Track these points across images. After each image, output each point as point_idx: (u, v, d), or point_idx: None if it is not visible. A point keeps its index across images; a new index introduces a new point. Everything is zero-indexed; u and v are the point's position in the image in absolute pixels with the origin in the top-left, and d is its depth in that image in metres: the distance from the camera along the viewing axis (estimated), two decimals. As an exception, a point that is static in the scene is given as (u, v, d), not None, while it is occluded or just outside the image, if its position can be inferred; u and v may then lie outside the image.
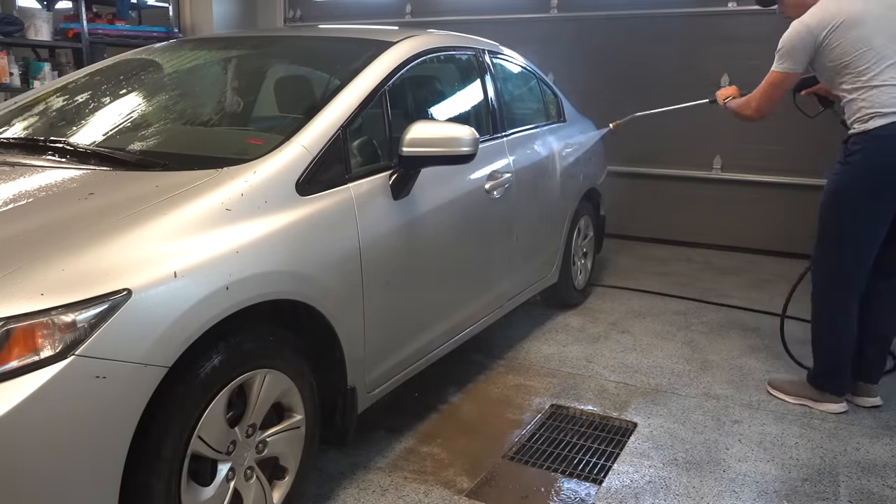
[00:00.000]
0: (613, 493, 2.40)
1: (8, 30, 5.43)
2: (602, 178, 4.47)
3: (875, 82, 2.71)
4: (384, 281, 2.34)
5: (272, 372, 1.94)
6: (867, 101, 2.72)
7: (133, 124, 2.51)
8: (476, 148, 2.40)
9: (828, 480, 2.50)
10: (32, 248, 1.57)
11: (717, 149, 5.70)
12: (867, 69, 2.72)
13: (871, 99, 2.71)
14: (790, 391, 3.08)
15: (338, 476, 2.45)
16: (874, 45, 2.70)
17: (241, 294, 1.79)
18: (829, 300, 2.95)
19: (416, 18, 6.71)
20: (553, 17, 6.14)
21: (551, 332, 3.86)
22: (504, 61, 3.66)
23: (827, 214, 2.88)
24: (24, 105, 2.78)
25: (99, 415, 1.50)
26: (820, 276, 2.94)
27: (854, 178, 2.78)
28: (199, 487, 1.79)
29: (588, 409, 3.00)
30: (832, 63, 2.79)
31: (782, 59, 2.88)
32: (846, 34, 2.73)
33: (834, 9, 2.77)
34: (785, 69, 2.88)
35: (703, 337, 3.84)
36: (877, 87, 2.70)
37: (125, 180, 1.95)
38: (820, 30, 2.77)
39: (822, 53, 2.80)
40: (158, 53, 3.17)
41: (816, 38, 2.78)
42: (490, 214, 3.04)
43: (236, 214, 1.86)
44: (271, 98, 2.88)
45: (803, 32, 2.81)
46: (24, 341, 1.43)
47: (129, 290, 1.55)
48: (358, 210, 2.22)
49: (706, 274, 5.03)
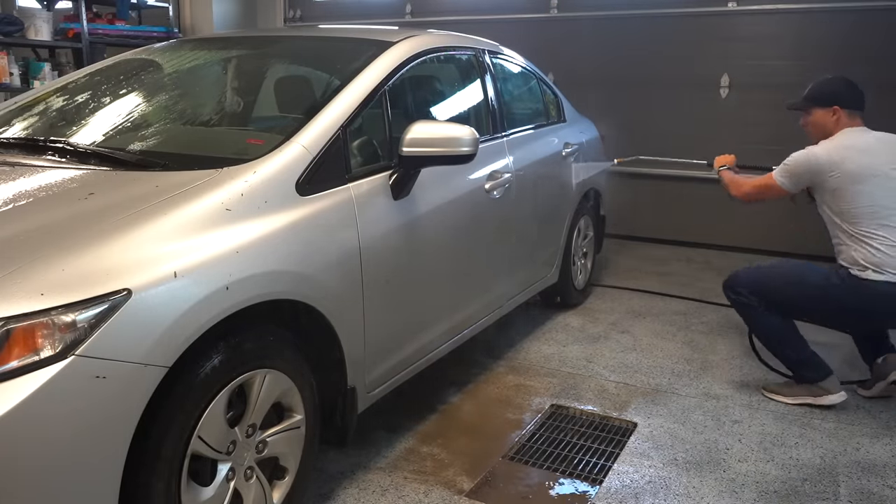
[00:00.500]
0: (613, 493, 2.40)
1: (8, 30, 5.43)
2: (602, 178, 4.47)
3: (869, 240, 2.81)
4: (384, 281, 2.34)
5: (272, 372, 1.94)
6: (861, 253, 2.82)
7: (133, 124, 2.51)
8: (476, 148, 2.40)
9: (828, 480, 2.50)
10: (32, 248, 1.57)
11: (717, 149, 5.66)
12: (863, 223, 2.82)
13: (864, 252, 2.81)
14: (787, 393, 3.08)
15: (338, 476, 2.45)
16: (875, 203, 2.81)
17: (241, 294, 1.79)
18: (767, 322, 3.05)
19: (416, 18, 6.71)
20: (553, 17, 6.14)
21: (551, 332, 3.86)
22: (504, 61, 3.66)
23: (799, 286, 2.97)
24: (24, 105, 2.78)
25: (99, 415, 1.50)
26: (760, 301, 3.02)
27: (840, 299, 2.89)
28: (199, 487, 1.79)
29: (588, 409, 3.00)
30: (831, 202, 2.90)
31: (784, 175, 2.99)
32: (850, 186, 2.83)
33: (843, 154, 2.86)
34: (782, 184, 3.00)
35: (703, 337, 3.84)
36: (870, 246, 2.80)
37: (125, 180, 1.95)
38: (828, 168, 2.87)
39: (824, 187, 2.90)
40: (158, 53, 3.17)
41: (822, 174, 2.88)
42: (490, 214, 3.04)
43: (236, 214, 1.86)
44: (271, 98, 2.88)
45: (812, 163, 2.91)
46: (24, 341, 1.43)
47: (129, 290, 1.55)
48: (358, 210, 2.22)
49: (706, 274, 5.04)
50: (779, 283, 3.00)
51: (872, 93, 5.04)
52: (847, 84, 3.03)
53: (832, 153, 2.88)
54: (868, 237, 2.81)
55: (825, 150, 2.90)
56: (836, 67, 5.17)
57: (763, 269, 3.09)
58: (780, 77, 5.38)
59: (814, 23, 5.25)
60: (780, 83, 5.38)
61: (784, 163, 3.00)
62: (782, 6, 5.32)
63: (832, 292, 2.88)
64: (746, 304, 3.04)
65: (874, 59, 5.08)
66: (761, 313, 3.01)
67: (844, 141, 2.91)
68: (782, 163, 3.01)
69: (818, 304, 2.94)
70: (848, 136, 2.93)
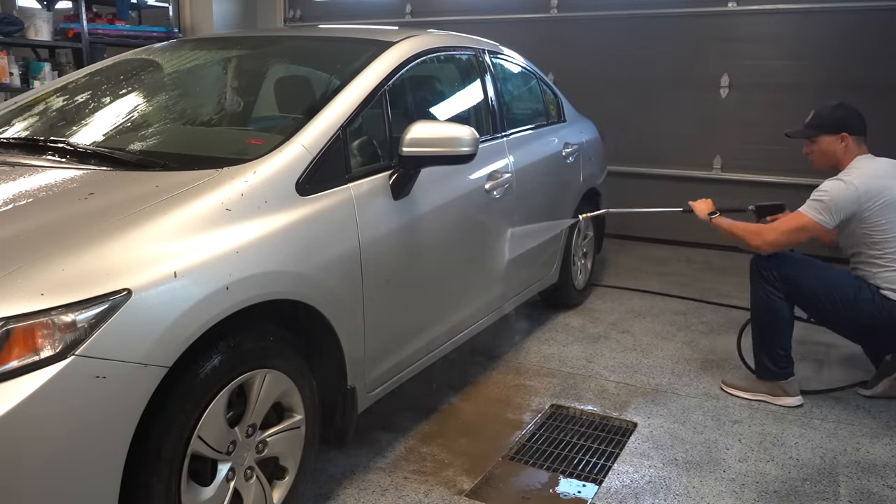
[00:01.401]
0: (613, 493, 2.40)
1: (8, 30, 5.43)
2: (602, 178, 4.47)
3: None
4: (384, 281, 2.34)
5: (272, 372, 1.94)
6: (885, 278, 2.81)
7: (133, 124, 2.51)
8: (476, 148, 2.40)
9: (828, 480, 2.50)
10: (32, 248, 1.57)
11: (717, 149, 5.71)
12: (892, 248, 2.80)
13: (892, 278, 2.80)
14: (747, 388, 3.12)
15: (338, 476, 2.45)
16: None
17: (241, 294, 1.79)
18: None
19: (416, 18, 6.71)
20: (553, 17, 6.14)
21: (551, 332, 3.86)
22: (504, 61, 3.66)
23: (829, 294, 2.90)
24: (24, 105, 2.78)
25: (99, 415, 1.50)
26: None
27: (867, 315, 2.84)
28: (199, 487, 1.79)
29: (588, 409, 3.00)
30: (865, 231, 2.83)
31: (823, 211, 2.82)
32: (887, 214, 2.79)
33: (880, 184, 2.80)
34: (822, 221, 2.83)
35: (703, 337, 3.84)
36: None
37: (125, 180, 1.95)
38: (868, 198, 2.78)
39: (858, 217, 2.82)
40: (158, 53, 3.17)
41: (863, 204, 2.79)
42: (490, 214, 3.04)
43: (236, 214, 1.86)
44: (271, 98, 2.88)
45: (853, 196, 2.79)
46: (24, 341, 1.43)
47: (129, 290, 1.55)
48: (358, 210, 2.22)
49: (706, 274, 5.04)
50: (812, 282, 2.90)
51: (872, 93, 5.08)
52: (853, 110, 2.97)
53: (869, 183, 2.80)
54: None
55: (861, 181, 2.80)
56: (836, 67, 5.20)
57: (800, 264, 2.96)
58: (779, 77, 5.38)
59: (813, 23, 5.25)
60: (779, 83, 5.38)
61: (816, 198, 2.84)
62: (782, 6, 5.32)
63: (862, 307, 2.83)
64: (767, 283, 2.94)
65: (874, 59, 5.09)
66: (778, 299, 2.94)
67: (869, 169, 2.85)
68: (812, 198, 2.85)
69: (843, 313, 2.88)
70: (869, 164, 2.88)
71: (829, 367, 3.48)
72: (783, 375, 3.03)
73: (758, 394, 3.08)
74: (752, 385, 3.11)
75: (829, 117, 2.96)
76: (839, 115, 2.95)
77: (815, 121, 3.00)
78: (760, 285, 2.99)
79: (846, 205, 2.79)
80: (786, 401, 3.03)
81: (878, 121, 3.17)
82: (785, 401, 3.03)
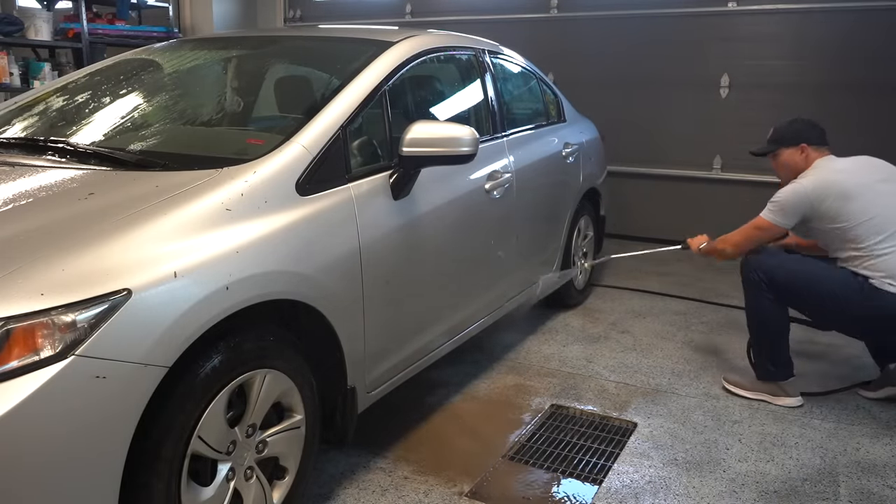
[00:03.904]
0: (613, 493, 2.40)
1: (8, 30, 5.43)
2: (602, 178, 4.47)
3: (879, 251, 2.79)
4: (384, 281, 2.34)
5: (272, 372, 1.94)
6: (871, 269, 2.80)
7: (133, 124, 2.51)
8: (476, 148, 2.40)
9: (828, 480, 2.50)
10: (32, 248, 1.57)
11: (717, 149, 5.70)
12: (867, 238, 2.81)
13: (877, 267, 2.79)
14: (749, 386, 3.12)
15: (338, 476, 2.46)
16: (874, 215, 2.81)
17: (242, 294, 1.79)
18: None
19: (416, 18, 6.71)
20: (553, 17, 6.14)
21: (551, 332, 3.86)
22: (504, 61, 3.66)
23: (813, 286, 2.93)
24: (24, 105, 2.78)
25: (99, 415, 1.50)
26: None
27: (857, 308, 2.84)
28: (199, 487, 1.79)
29: (588, 409, 3.00)
30: (833, 228, 2.88)
31: (775, 213, 2.96)
32: (844, 204, 2.83)
33: (830, 178, 2.89)
34: (777, 222, 2.97)
35: (703, 337, 3.84)
36: (879, 256, 2.79)
37: (125, 180, 1.95)
38: (820, 195, 2.87)
39: (822, 215, 2.88)
40: (158, 53, 3.17)
41: (816, 202, 2.87)
42: (490, 214, 3.04)
43: (236, 214, 1.86)
44: (271, 98, 2.88)
45: (801, 194, 2.91)
46: (24, 341, 1.43)
47: (129, 290, 1.55)
48: (358, 210, 2.22)
49: (706, 274, 5.04)
50: (796, 280, 2.93)
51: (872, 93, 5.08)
52: (809, 123, 3.08)
53: (817, 181, 2.90)
54: (877, 249, 2.79)
55: (809, 180, 2.92)
56: (836, 67, 5.20)
57: (786, 263, 2.99)
58: (779, 77, 5.38)
59: (813, 23, 5.25)
60: (779, 83, 5.38)
61: (771, 202, 2.98)
62: (782, 6, 5.32)
63: (851, 298, 2.82)
64: (756, 286, 2.99)
65: (874, 59, 5.09)
66: (768, 301, 2.97)
67: (823, 169, 2.95)
68: (769, 203, 2.98)
69: (832, 307, 2.89)
70: (825, 164, 2.97)
71: (829, 366, 3.48)
72: (783, 376, 3.03)
73: (758, 393, 3.08)
74: (753, 384, 3.12)
75: (786, 131, 3.09)
76: (796, 128, 3.07)
77: (774, 136, 3.13)
78: (750, 289, 3.03)
79: (797, 205, 2.91)
80: (786, 401, 3.03)
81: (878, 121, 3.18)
82: (785, 401, 3.03)
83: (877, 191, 2.85)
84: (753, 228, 3.03)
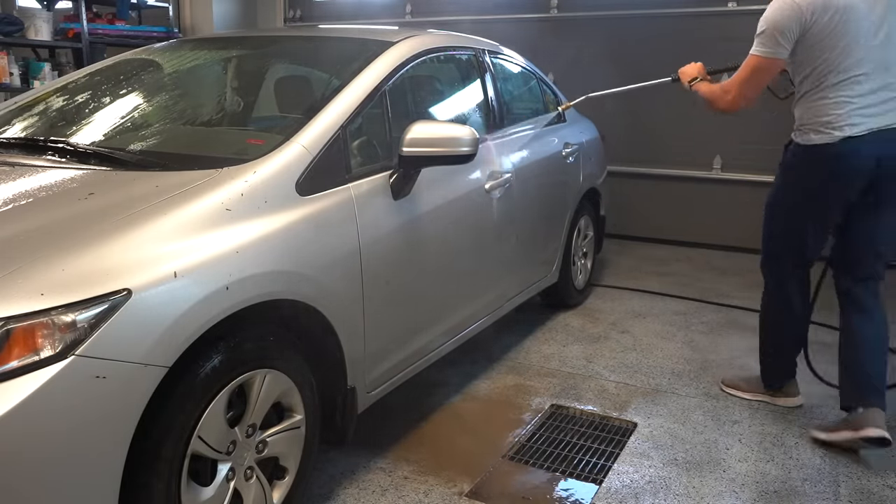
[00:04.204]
0: (613, 493, 2.40)
1: (8, 30, 5.44)
2: (602, 178, 4.47)
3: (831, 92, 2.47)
4: (384, 281, 2.34)
5: (272, 372, 1.94)
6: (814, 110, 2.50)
7: (133, 124, 2.52)
8: (476, 148, 2.40)
9: (828, 480, 2.50)
10: (32, 248, 1.57)
11: (717, 149, 5.70)
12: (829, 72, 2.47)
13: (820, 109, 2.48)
14: (746, 388, 3.11)
15: (338, 476, 2.46)
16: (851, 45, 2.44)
17: (241, 294, 1.79)
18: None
19: (416, 18, 6.71)
20: (553, 17, 6.14)
21: (551, 332, 3.86)
22: (504, 61, 3.66)
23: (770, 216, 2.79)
24: (24, 105, 2.78)
25: (99, 415, 1.50)
26: None
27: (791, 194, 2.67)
28: (199, 487, 1.79)
29: (588, 409, 3.00)
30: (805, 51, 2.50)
31: (765, 43, 2.53)
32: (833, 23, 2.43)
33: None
34: (768, 54, 2.53)
35: (703, 337, 3.84)
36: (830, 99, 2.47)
37: (125, 180, 1.95)
38: (814, 8, 2.43)
39: (813, 38, 2.47)
40: (158, 53, 3.17)
41: (806, 17, 2.44)
42: (490, 214, 3.04)
43: (236, 214, 1.86)
44: (271, 98, 2.88)
45: (788, 7, 2.46)
46: (24, 341, 1.43)
47: (129, 290, 1.55)
48: (358, 210, 2.22)
49: (706, 274, 5.04)
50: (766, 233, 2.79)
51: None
52: None
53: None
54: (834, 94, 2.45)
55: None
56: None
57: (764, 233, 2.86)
58: (779, 77, 5.37)
59: (814, 23, 5.24)
60: (779, 83, 5.37)
61: (757, 32, 2.55)
62: (782, 6, 5.31)
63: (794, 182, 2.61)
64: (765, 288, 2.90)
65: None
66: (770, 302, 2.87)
67: None
68: (755, 37, 2.56)
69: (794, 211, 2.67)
70: None
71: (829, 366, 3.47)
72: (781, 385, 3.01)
73: (757, 394, 3.07)
74: (751, 385, 3.11)
75: None
76: None
77: None
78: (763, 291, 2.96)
79: (788, 22, 2.46)
80: (786, 401, 3.03)
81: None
82: (785, 401, 3.03)
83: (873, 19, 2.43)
84: (749, 72, 2.61)
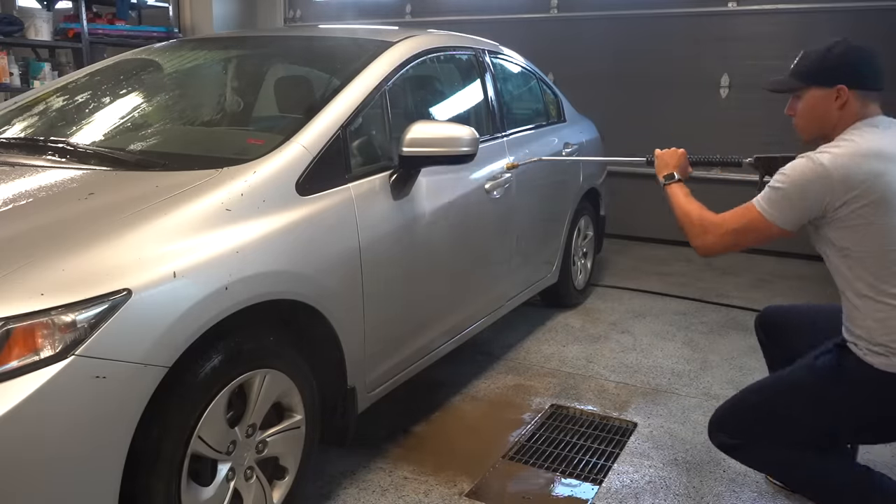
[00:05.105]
0: (613, 493, 2.40)
1: (8, 30, 5.44)
2: (602, 178, 4.47)
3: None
4: (384, 281, 2.34)
5: (272, 372, 1.94)
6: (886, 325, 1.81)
7: (133, 124, 2.52)
8: (476, 148, 2.40)
9: (828, 480, 2.50)
10: (32, 248, 1.57)
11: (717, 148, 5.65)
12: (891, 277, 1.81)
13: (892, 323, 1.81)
14: None
15: (338, 476, 2.45)
16: None
17: (241, 294, 1.79)
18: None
19: (416, 18, 6.71)
20: (553, 17, 6.14)
21: (551, 332, 3.86)
22: (504, 61, 3.66)
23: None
24: (24, 105, 2.78)
25: (99, 415, 1.50)
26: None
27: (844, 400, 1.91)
28: (199, 487, 1.79)
29: (588, 409, 3.00)
30: (844, 241, 1.86)
31: (773, 203, 1.90)
32: (879, 218, 1.79)
33: (876, 168, 1.79)
34: (772, 218, 1.90)
35: (703, 337, 3.84)
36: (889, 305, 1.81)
37: (125, 180, 1.95)
38: (848, 186, 1.80)
39: (835, 218, 1.84)
40: (158, 53, 3.17)
41: (838, 194, 1.81)
42: (490, 214, 3.04)
43: (236, 214, 1.86)
44: (271, 98, 2.88)
45: (818, 177, 1.82)
46: (24, 341, 1.43)
47: (129, 290, 1.55)
48: (358, 210, 2.22)
49: (706, 274, 5.03)
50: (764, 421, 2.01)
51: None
52: (859, 50, 1.93)
53: (854, 164, 1.80)
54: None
55: (838, 158, 1.81)
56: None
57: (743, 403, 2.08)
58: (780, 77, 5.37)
59: (814, 23, 5.25)
60: (780, 83, 5.37)
61: (772, 183, 1.91)
62: (782, 6, 5.32)
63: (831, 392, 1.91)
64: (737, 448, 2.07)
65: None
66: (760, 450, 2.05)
67: (865, 143, 1.83)
68: (770, 183, 1.93)
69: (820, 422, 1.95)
70: (868, 136, 1.85)
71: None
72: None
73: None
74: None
75: (821, 61, 1.97)
76: (837, 57, 1.94)
77: (802, 65, 2.05)
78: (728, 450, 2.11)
79: (809, 194, 1.83)
80: None
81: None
82: None
83: None
84: (745, 228, 1.98)
